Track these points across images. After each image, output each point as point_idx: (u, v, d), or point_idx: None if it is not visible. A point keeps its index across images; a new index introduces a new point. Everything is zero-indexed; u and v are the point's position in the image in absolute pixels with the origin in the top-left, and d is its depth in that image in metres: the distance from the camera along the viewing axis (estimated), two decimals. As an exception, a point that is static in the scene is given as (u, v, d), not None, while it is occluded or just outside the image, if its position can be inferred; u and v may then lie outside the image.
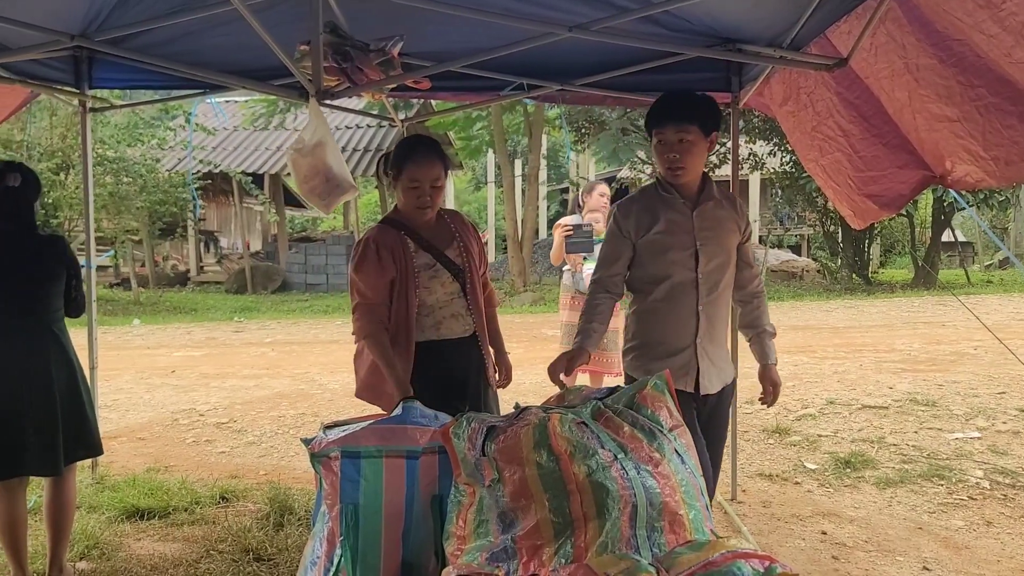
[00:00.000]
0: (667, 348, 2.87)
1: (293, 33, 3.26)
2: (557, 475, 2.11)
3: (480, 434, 2.28)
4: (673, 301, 2.85)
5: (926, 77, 2.67)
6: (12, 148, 13.69)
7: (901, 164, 3.23)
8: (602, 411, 2.33)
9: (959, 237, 21.77)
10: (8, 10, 3.06)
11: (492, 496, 2.21)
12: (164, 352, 9.93)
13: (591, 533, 2.03)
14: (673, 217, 2.83)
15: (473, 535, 2.23)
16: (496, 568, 2.09)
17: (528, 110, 15.46)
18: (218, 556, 3.56)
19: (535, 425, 2.21)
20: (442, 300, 3.11)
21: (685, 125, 2.70)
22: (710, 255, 2.83)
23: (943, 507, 4.19)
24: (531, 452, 2.17)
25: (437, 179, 3.03)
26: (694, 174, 2.82)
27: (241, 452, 5.51)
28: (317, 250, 18.22)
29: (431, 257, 3.08)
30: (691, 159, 2.74)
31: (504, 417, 2.37)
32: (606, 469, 2.10)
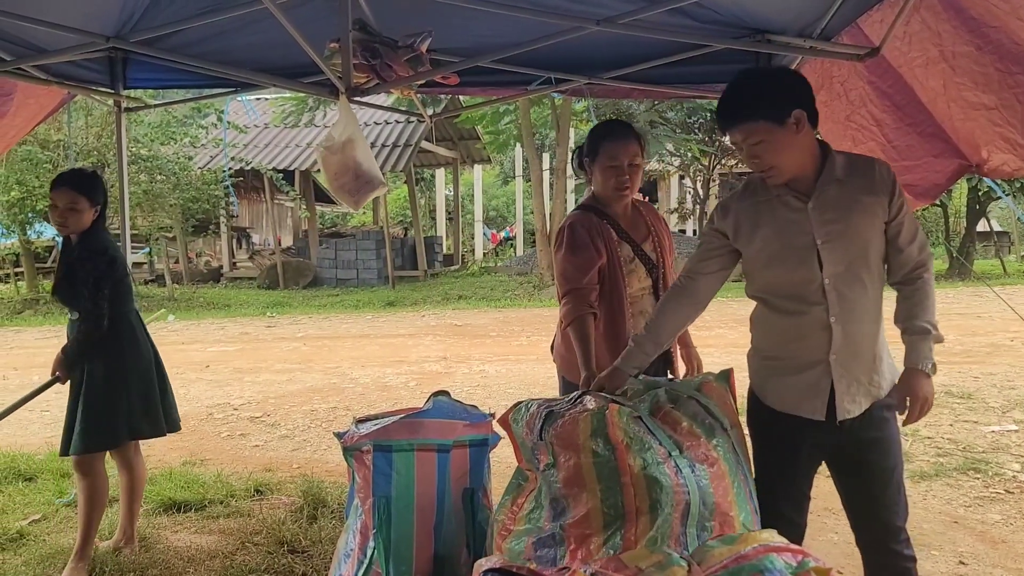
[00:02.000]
0: (792, 364, 2.34)
1: (322, 31, 3.29)
2: (612, 465, 2.09)
3: (538, 419, 2.25)
4: (796, 314, 2.30)
5: (962, 64, 2.63)
6: (50, 148, 13.92)
7: (936, 153, 3.18)
8: (661, 405, 2.28)
9: (995, 227, 21.40)
10: (45, 14, 3.13)
11: (546, 481, 2.20)
12: (198, 347, 10.07)
13: (642, 527, 2.02)
14: (782, 215, 2.29)
15: (525, 519, 2.23)
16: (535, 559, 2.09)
17: (556, 104, 15.42)
18: (253, 548, 3.61)
19: (594, 413, 2.18)
20: (634, 295, 3.00)
21: (747, 124, 2.19)
22: (838, 253, 2.24)
23: (979, 501, 4.13)
24: (588, 440, 2.14)
25: (635, 156, 2.92)
26: (797, 166, 2.24)
27: (275, 446, 5.58)
28: (347, 245, 18.34)
29: (630, 249, 2.98)
30: (776, 156, 2.19)
31: (564, 402, 2.33)
32: (660, 465, 2.08)
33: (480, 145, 20.77)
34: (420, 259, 18.58)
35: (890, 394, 2.31)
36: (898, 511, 2.34)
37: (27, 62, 3.48)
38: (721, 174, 23.77)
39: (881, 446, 2.32)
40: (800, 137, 2.18)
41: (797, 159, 2.22)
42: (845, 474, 2.39)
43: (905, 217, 2.26)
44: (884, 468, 2.33)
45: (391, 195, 25.07)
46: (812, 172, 2.27)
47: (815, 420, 2.29)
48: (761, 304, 2.40)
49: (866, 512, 2.36)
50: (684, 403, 2.31)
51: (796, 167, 2.24)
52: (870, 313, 2.28)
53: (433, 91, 4.88)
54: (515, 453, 2.38)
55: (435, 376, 7.94)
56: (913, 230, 2.27)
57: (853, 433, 2.29)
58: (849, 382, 2.27)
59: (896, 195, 2.25)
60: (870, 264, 2.26)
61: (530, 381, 7.39)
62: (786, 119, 2.15)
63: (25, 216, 14.26)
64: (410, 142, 17.40)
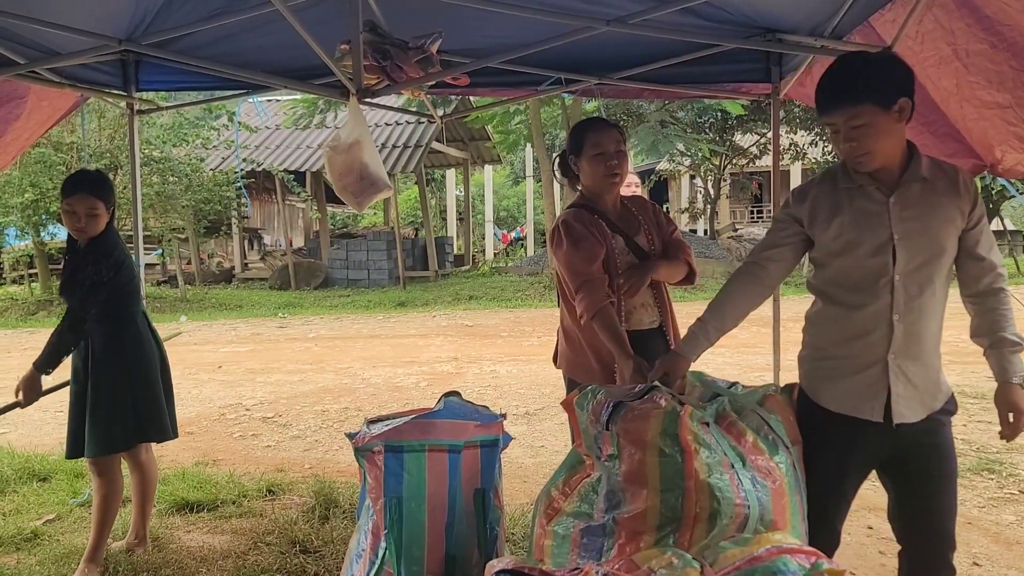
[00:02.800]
0: (850, 364, 2.29)
1: (333, 32, 3.29)
2: (678, 467, 2.06)
3: (606, 409, 2.20)
4: (861, 308, 2.26)
5: (976, 63, 2.61)
6: (63, 150, 14.02)
7: (950, 153, 3.15)
8: (727, 415, 2.24)
9: (1008, 226, 21.25)
10: (59, 17, 3.15)
11: (606, 471, 2.17)
12: (211, 348, 10.12)
13: (697, 534, 2.01)
14: (862, 205, 2.25)
15: (576, 503, 2.20)
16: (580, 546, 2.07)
17: (566, 104, 15.41)
18: (265, 548, 3.62)
19: (666, 411, 2.14)
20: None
21: (852, 108, 2.12)
22: (913, 250, 2.21)
23: (993, 502, 4.10)
24: (656, 437, 2.11)
25: (620, 143, 2.94)
26: (888, 156, 2.20)
27: (287, 446, 5.60)
28: (358, 246, 18.39)
29: (623, 242, 2.98)
30: (875, 142, 2.14)
31: (631, 393, 2.26)
32: (724, 475, 2.06)
33: (491, 145, 20.77)
34: (431, 259, 18.61)
35: (947, 404, 2.28)
36: (953, 519, 2.30)
37: (40, 65, 3.50)
38: (732, 174, 23.76)
39: (939, 452, 2.27)
40: (900, 126, 2.15)
41: (892, 148, 2.19)
42: (901, 481, 2.33)
43: (984, 227, 2.24)
44: (942, 475, 2.28)
45: (402, 196, 25.11)
46: (898, 167, 2.23)
47: (872, 423, 2.24)
48: (823, 299, 2.35)
49: (921, 521, 2.31)
50: (748, 415, 2.27)
51: (889, 156, 2.20)
52: (934, 318, 2.25)
53: (443, 92, 4.89)
54: (574, 436, 2.34)
55: (446, 376, 7.95)
56: (991, 241, 2.24)
57: (911, 438, 2.24)
58: (906, 385, 2.23)
59: (977, 204, 2.22)
60: (942, 268, 2.22)
61: (541, 381, 7.38)
62: (892, 105, 2.11)
63: (39, 218, 14.36)
64: (421, 143, 17.43)
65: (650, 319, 3.02)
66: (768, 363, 3.82)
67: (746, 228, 24.58)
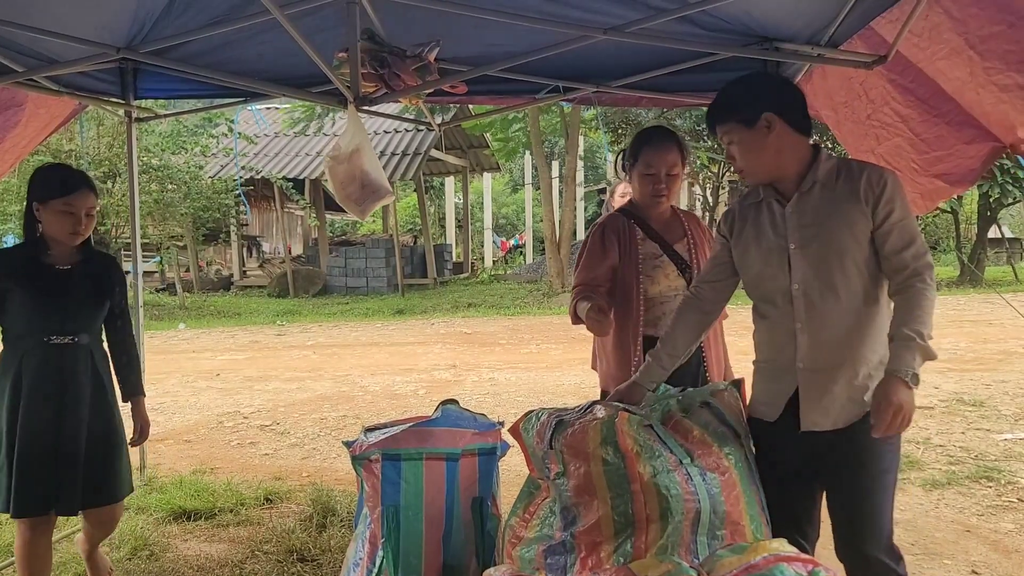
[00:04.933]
0: (769, 371, 2.36)
1: (331, 41, 3.30)
2: (622, 473, 2.11)
3: (549, 428, 2.26)
4: (769, 318, 2.33)
5: (991, 48, 2.57)
6: (61, 157, 14.02)
7: (968, 139, 3.10)
8: (672, 414, 2.30)
9: (1006, 233, 21.28)
10: (58, 25, 3.15)
11: (556, 490, 2.21)
12: (209, 355, 10.10)
13: (652, 535, 2.04)
14: (761, 216, 2.33)
15: (536, 527, 2.24)
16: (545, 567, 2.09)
17: (564, 111, 15.45)
18: (263, 557, 3.61)
19: (603, 421, 2.19)
20: (665, 294, 3.01)
21: (719, 126, 2.29)
22: (810, 259, 2.22)
23: (992, 509, 4.10)
24: (597, 448, 2.15)
25: (673, 166, 2.97)
26: (766, 169, 2.27)
27: (284, 454, 5.59)
28: (357, 253, 18.38)
29: (658, 247, 3.03)
30: (748, 158, 2.25)
31: (574, 411, 2.34)
32: (671, 473, 2.09)
33: (489, 153, 20.80)
34: (430, 267, 18.61)
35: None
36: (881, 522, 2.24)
37: (39, 73, 3.51)
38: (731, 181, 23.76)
39: (859, 459, 2.22)
40: (772, 140, 2.20)
41: (770, 161, 2.25)
42: (827, 487, 2.32)
43: (896, 225, 2.17)
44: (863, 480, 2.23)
45: (401, 203, 25.13)
46: (797, 176, 2.26)
47: (786, 430, 2.26)
48: (753, 307, 2.42)
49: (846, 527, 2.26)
50: (696, 412, 2.32)
51: (770, 169, 2.26)
52: (846, 324, 2.21)
53: (441, 100, 4.90)
54: (526, 462, 2.38)
55: (444, 384, 7.94)
56: (907, 238, 2.16)
57: (828, 446, 2.23)
58: (820, 393, 2.22)
59: (883, 202, 2.17)
60: (847, 273, 2.19)
61: (540, 389, 7.37)
62: (756, 121, 2.20)
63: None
64: (419, 151, 17.45)
65: None
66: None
67: (744, 235, 24.55)
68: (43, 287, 2.83)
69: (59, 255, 2.90)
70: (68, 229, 2.85)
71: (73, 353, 2.86)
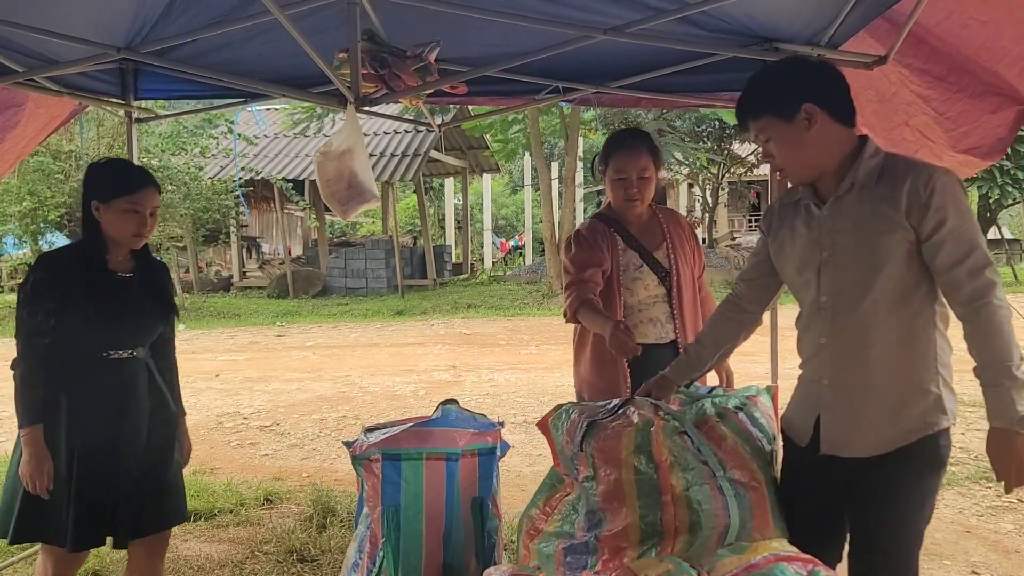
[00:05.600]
0: (801, 386, 2.20)
1: (331, 41, 3.30)
2: (654, 483, 2.07)
3: (580, 429, 2.20)
4: (802, 328, 2.16)
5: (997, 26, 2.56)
6: (61, 158, 14.03)
7: (993, 109, 3.05)
8: (707, 418, 2.22)
9: (1006, 234, 21.29)
10: (58, 26, 3.15)
11: (584, 492, 2.17)
12: (208, 356, 10.10)
13: (679, 546, 2.01)
14: (798, 219, 2.13)
15: (557, 523, 2.21)
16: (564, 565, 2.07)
17: (564, 112, 15.45)
18: (263, 557, 3.61)
19: (638, 428, 2.14)
20: (644, 302, 3.00)
21: (753, 122, 2.07)
22: (842, 268, 2.02)
23: (992, 510, 4.10)
24: (630, 455, 2.10)
25: (644, 170, 2.94)
26: (808, 166, 2.05)
27: (284, 454, 5.59)
28: (357, 254, 18.38)
29: (638, 257, 3.00)
30: (786, 155, 2.04)
31: (605, 410, 2.26)
32: (703, 486, 2.05)
33: (489, 154, 20.80)
34: (429, 268, 18.61)
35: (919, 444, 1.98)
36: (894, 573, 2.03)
37: (39, 73, 3.51)
38: (730, 182, 23.80)
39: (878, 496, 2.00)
40: (813, 134, 1.98)
41: (812, 158, 2.02)
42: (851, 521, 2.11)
43: (948, 235, 1.90)
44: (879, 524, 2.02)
45: (400, 204, 25.14)
46: (838, 174, 2.04)
47: (804, 450, 2.11)
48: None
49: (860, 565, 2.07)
50: (729, 417, 2.24)
51: (813, 167, 2.04)
52: (878, 343, 1.98)
53: (441, 100, 4.90)
54: (552, 457, 2.33)
55: (444, 385, 7.94)
56: (961, 252, 1.90)
57: (860, 473, 2.01)
58: (844, 415, 2.04)
59: (933, 210, 1.89)
60: (884, 286, 1.96)
61: (539, 390, 7.37)
62: (794, 114, 1.97)
63: (37, 226, 14.36)
64: (419, 152, 17.45)
65: (659, 334, 3.01)
66: (767, 371, 3.82)
67: (744, 237, 24.58)
68: (107, 297, 2.57)
69: (118, 260, 2.64)
70: (132, 230, 2.59)
71: (131, 368, 2.63)
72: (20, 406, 2.47)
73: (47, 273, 2.53)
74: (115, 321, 2.59)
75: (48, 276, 2.52)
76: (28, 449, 2.44)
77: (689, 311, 3.05)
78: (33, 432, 2.45)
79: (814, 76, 2.04)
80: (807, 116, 1.97)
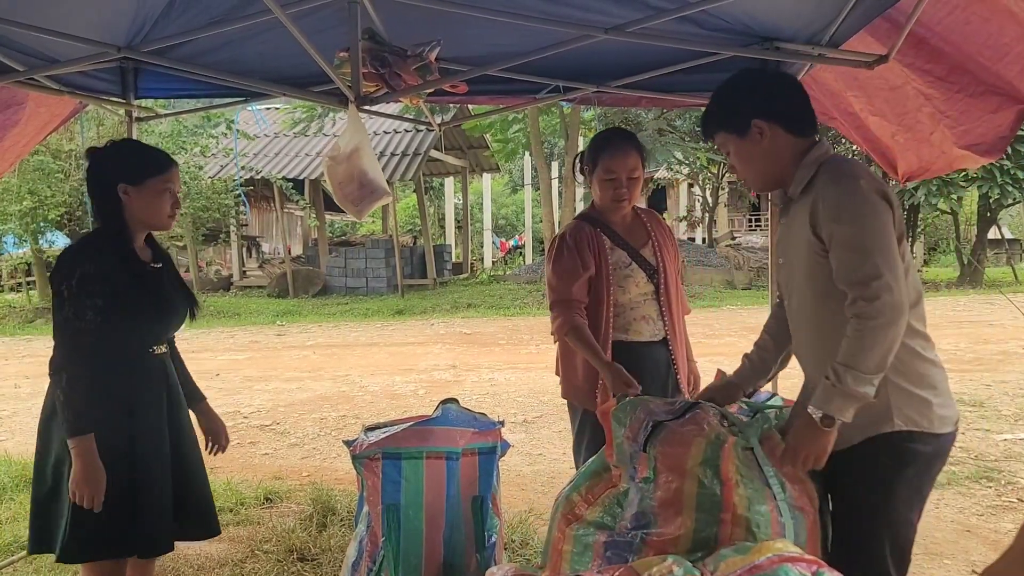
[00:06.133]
0: None
1: (332, 40, 3.30)
2: (716, 499, 2.03)
3: (644, 428, 2.15)
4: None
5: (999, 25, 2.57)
6: (62, 157, 14.03)
7: (993, 108, 3.05)
8: (770, 434, 2.17)
9: (1006, 234, 21.30)
10: (59, 25, 3.15)
11: (638, 492, 2.12)
12: (208, 355, 10.09)
13: None
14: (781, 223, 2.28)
15: (600, 513, 2.17)
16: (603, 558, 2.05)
17: (564, 112, 15.46)
18: (263, 556, 3.61)
19: (709, 440, 2.09)
20: (635, 300, 3.00)
21: (712, 138, 2.24)
22: (785, 276, 2.21)
23: (992, 510, 4.10)
24: (696, 467, 2.06)
25: (634, 170, 2.94)
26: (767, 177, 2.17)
27: (284, 454, 5.59)
28: (357, 254, 18.38)
29: (626, 255, 3.00)
30: (743, 167, 2.18)
31: (671, 409, 2.20)
32: (764, 506, 2.02)
33: (489, 154, 20.81)
34: (429, 267, 18.61)
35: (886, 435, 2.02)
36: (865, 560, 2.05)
37: (39, 72, 3.51)
38: (730, 182, 23.80)
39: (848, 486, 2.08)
40: (766, 147, 2.09)
41: (768, 169, 2.14)
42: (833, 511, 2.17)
43: (838, 248, 1.95)
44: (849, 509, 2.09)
45: (400, 204, 25.14)
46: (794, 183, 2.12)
47: None
48: None
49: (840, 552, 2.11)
50: None
51: (770, 177, 2.16)
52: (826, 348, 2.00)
53: (442, 100, 4.90)
54: (607, 446, 2.26)
55: (444, 384, 7.94)
56: (845, 267, 1.94)
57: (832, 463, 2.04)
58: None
59: (826, 221, 1.96)
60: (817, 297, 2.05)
61: (539, 389, 7.37)
62: (747, 130, 2.09)
63: (37, 225, 14.36)
64: (419, 151, 17.45)
65: (652, 331, 3.01)
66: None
67: (744, 236, 24.59)
68: (149, 289, 2.47)
69: (141, 249, 2.53)
70: (168, 211, 2.49)
71: (164, 365, 2.58)
72: (70, 414, 2.26)
73: (96, 267, 2.33)
74: (158, 314, 2.52)
75: (97, 270, 2.33)
76: (81, 461, 2.24)
77: (676, 308, 3.06)
78: (85, 442, 2.26)
79: (765, 91, 2.14)
80: (759, 131, 2.08)
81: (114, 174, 2.43)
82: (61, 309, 2.30)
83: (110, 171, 2.44)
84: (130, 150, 2.58)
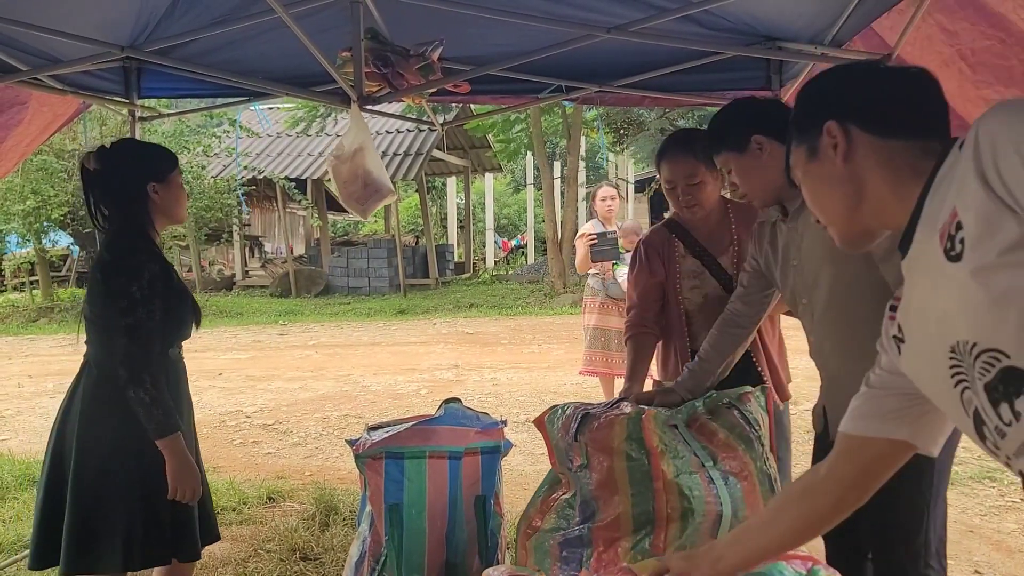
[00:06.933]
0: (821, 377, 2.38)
1: (335, 40, 3.31)
2: (645, 470, 2.11)
3: (575, 421, 2.25)
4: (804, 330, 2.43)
5: (983, 60, 2.57)
6: (65, 157, 14.06)
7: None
8: (697, 416, 2.28)
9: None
10: (62, 24, 3.16)
11: (578, 482, 2.20)
12: (211, 355, 10.11)
13: (671, 534, 2.03)
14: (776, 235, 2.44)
15: (553, 518, 2.23)
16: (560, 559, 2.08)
17: (567, 112, 15.45)
18: (266, 555, 3.62)
19: (630, 416, 2.20)
20: (706, 309, 2.84)
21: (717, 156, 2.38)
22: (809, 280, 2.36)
23: (995, 510, 4.10)
24: (622, 443, 2.15)
25: (691, 176, 2.74)
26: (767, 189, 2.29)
27: (287, 453, 5.59)
28: (359, 253, 18.39)
29: (699, 263, 2.87)
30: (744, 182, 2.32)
31: (601, 406, 2.35)
32: (693, 474, 2.09)
33: (491, 154, 20.80)
34: (431, 267, 18.62)
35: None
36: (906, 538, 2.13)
37: (43, 72, 3.51)
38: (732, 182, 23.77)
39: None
40: (766, 160, 2.22)
41: (769, 182, 2.25)
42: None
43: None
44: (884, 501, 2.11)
45: (403, 203, 25.15)
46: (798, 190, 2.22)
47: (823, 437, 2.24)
48: None
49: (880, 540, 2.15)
50: (722, 413, 2.29)
51: (772, 189, 2.27)
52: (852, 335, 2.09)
53: (444, 99, 4.90)
54: (549, 455, 2.36)
55: (446, 384, 7.94)
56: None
57: None
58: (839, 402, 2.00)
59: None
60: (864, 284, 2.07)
61: (541, 388, 7.38)
62: (746, 146, 2.24)
63: (40, 225, 14.39)
64: (421, 151, 17.46)
65: None
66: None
67: (747, 236, 24.57)
68: (176, 288, 2.47)
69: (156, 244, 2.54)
70: (185, 203, 2.58)
71: (182, 366, 2.60)
72: (160, 414, 2.28)
73: (160, 267, 2.36)
74: (188, 315, 2.55)
75: (161, 270, 2.35)
76: (177, 458, 2.30)
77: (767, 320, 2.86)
78: (178, 440, 2.31)
79: (759, 111, 2.33)
80: (758, 145, 2.22)
81: (146, 173, 2.46)
82: (132, 311, 2.26)
83: (143, 170, 2.47)
84: (150, 148, 2.61)
